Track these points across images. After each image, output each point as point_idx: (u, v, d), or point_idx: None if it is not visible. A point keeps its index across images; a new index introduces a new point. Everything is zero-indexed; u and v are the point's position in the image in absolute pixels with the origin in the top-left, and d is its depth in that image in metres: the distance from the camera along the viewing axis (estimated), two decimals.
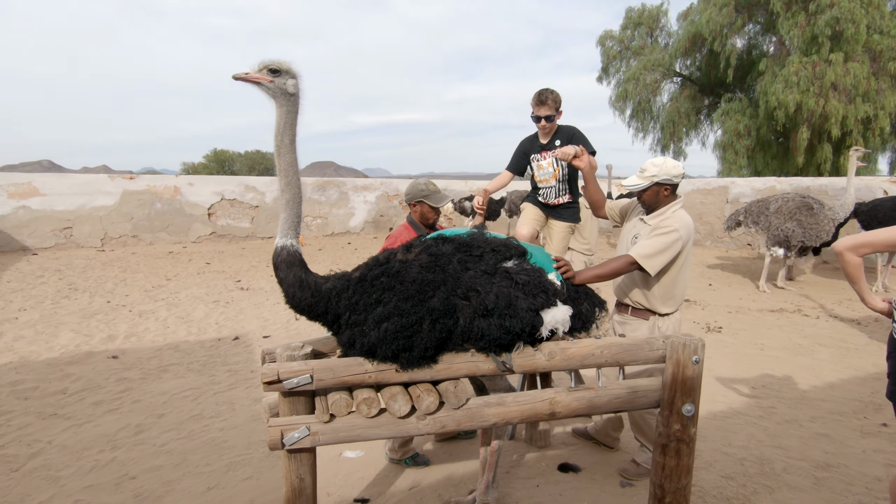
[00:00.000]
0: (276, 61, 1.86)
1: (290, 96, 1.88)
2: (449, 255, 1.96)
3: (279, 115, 1.88)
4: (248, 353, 4.95)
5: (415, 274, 1.87)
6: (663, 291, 2.70)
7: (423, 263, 1.91)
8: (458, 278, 1.89)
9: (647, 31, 21.06)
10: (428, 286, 1.84)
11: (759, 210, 7.33)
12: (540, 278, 2.02)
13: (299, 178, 1.94)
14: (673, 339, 1.93)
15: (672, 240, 2.53)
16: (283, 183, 1.90)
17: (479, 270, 1.94)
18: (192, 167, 45.66)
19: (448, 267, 1.91)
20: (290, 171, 1.90)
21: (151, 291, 7.41)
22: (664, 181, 2.61)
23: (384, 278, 1.88)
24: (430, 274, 1.87)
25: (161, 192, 11.67)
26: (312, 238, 13.15)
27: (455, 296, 1.85)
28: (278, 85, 1.86)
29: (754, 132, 17.10)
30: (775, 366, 4.58)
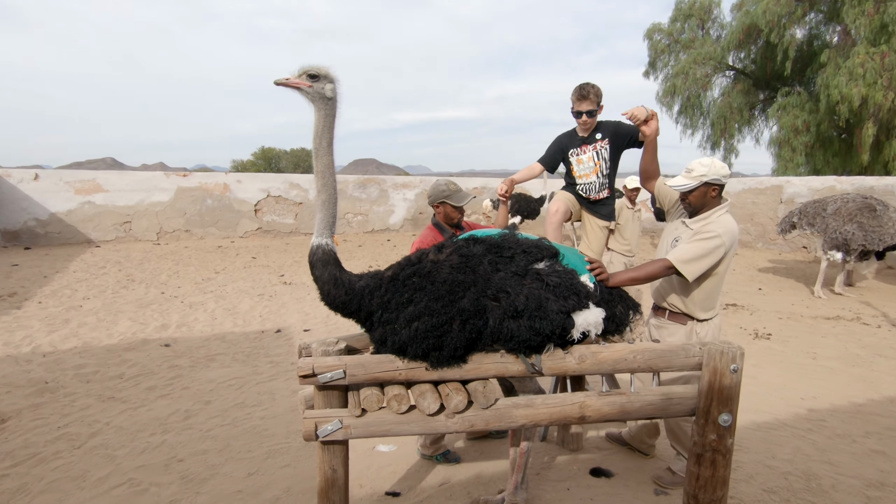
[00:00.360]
0: (315, 66, 1.93)
1: (328, 100, 1.94)
2: (479, 257, 1.98)
3: (317, 118, 1.94)
4: (288, 346, 5.13)
5: (445, 274, 1.90)
6: (703, 297, 2.62)
7: (453, 264, 1.94)
8: (489, 279, 1.90)
9: (697, 24, 20.23)
10: (458, 287, 1.87)
11: (816, 211, 6.93)
12: (572, 280, 2.00)
13: (335, 180, 2.00)
14: (710, 346, 1.87)
15: (713, 246, 2.45)
16: (320, 184, 1.97)
17: (509, 272, 1.95)
18: (241, 164, 47.46)
19: (478, 268, 1.93)
20: (326, 172, 1.96)
21: (201, 284, 7.78)
22: (713, 181, 2.52)
23: (416, 278, 1.92)
24: (460, 275, 1.90)
25: (212, 188, 12.21)
26: (353, 235, 13.43)
27: (485, 297, 1.87)
28: (317, 90, 1.92)
29: (814, 128, 16.15)
30: (828, 376, 4.34)
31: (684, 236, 2.64)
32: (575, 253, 2.30)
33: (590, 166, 3.56)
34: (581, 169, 3.60)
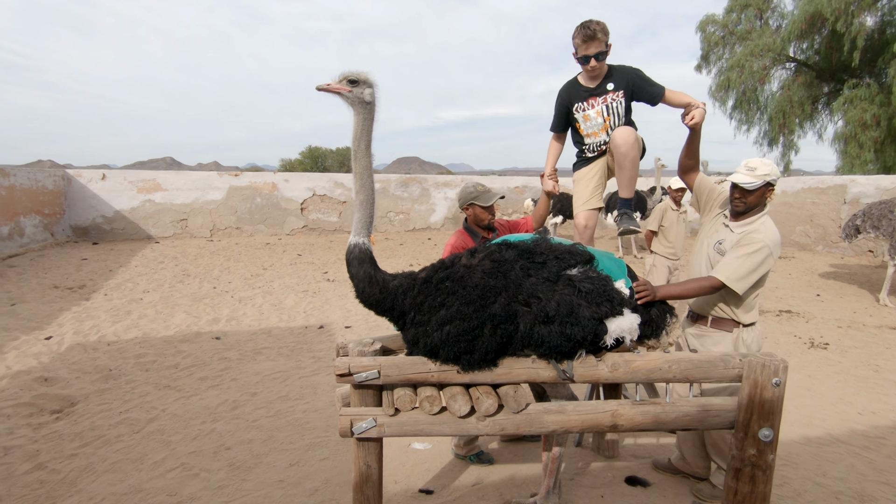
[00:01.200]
0: (355, 72, 2.00)
1: (367, 104, 2.01)
2: (511, 262, 1.99)
3: (356, 121, 2.02)
4: (330, 342, 5.30)
5: (477, 279, 1.93)
6: (749, 300, 2.57)
7: (485, 269, 1.96)
8: (520, 285, 1.92)
9: (755, 14, 19.22)
10: (489, 292, 1.89)
11: (881, 213, 6.48)
12: (605, 286, 1.99)
13: (373, 181, 2.07)
14: (751, 358, 1.81)
15: (762, 258, 2.42)
16: (359, 185, 2.04)
17: (541, 277, 1.96)
18: (288, 163, 49.04)
19: (510, 273, 1.95)
20: (364, 174, 2.04)
21: (250, 280, 8.13)
22: (773, 182, 2.51)
23: (448, 282, 1.95)
24: (492, 280, 1.92)
25: (261, 187, 12.71)
26: (395, 233, 13.64)
27: (516, 302, 1.89)
28: (356, 94, 2.00)
29: (884, 122, 15.06)
30: (892, 391, 4.06)
31: (728, 240, 2.57)
32: (611, 258, 2.27)
33: (598, 122, 2.98)
34: (589, 126, 3.04)
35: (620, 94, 2.94)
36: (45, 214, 10.69)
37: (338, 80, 2.01)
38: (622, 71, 2.94)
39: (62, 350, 4.80)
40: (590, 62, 2.85)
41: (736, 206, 2.57)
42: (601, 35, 2.80)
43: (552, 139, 3.27)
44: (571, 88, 3.06)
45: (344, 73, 2.01)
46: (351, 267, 1.98)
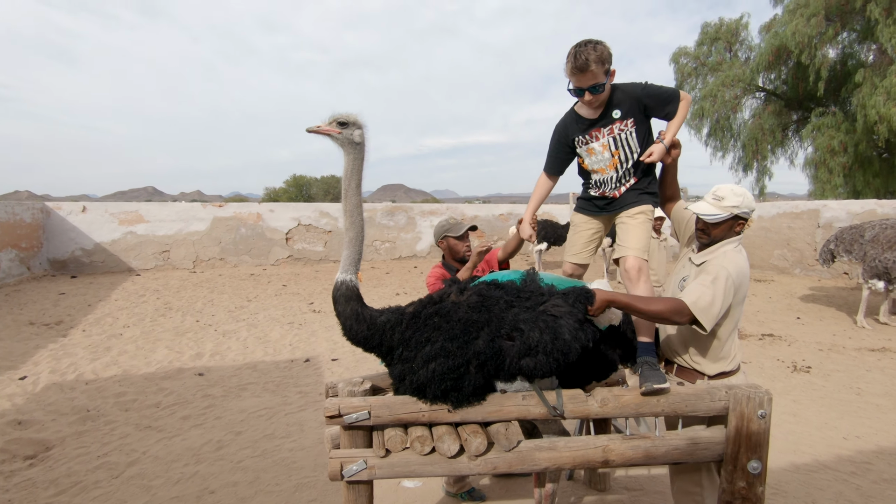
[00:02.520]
0: (344, 114, 2.05)
1: (357, 145, 2.05)
2: (496, 298, 2.01)
3: (346, 161, 2.05)
4: (317, 376, 5.22)
5: (461, 314, 1.94)
6: (713, 346, 2.20)
7: (471, 304, 1.98)
8: (502, 318, 1.92)
9: (725, 46, 20.11)
10: (472, 326, 1.90)
11: (853, 238, 6.70)
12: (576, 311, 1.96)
13: (363, 219, 2.10)
14: (736, 390, 1.84)
15: (723, 286, 2.06)
16: (348, 222, 2.06)
17: (522, 307, 1.97)
18: (273, 192, 48.96)
19: (494, 307, 1.96)
20: (354, 212, 2.06)
21: (234, 312, 8.01)
22: (743, 215, 2.19)
23: (436, 318, 1.96)
24: (475, 314, 1.93)
25: (246, 218, 12.66)
26: (381, 262, 13.62)
27: (500, 337, 1.89)
28: (346, 136, 2.03)
29: (851, 148, 15.69)
30: (875, 415, 4.13)
31: (690, 276, 2.32)
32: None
33: (605, 158, 2.52)
34: (594, 161, 2.57)
35: (630, 123, 2.46)
36: (21, 248, 10.47)
37: (327, 122, 2.05)
38: (628, 92, 2.46)
39: (37, 390, 4.64)
40: (584, 95, 2.38)
41: (699, 238, 2.30)
42: (595, 65, 2.27)
43: (541, 177, 2.82)
44: (569, 123, 2.61)
45: (333, 115, 2.05)
46: (338, 305, 1.98)
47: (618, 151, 2.50)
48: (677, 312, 1.99)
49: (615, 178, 2.55)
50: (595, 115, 2.50)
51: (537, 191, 2.84)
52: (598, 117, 2.50)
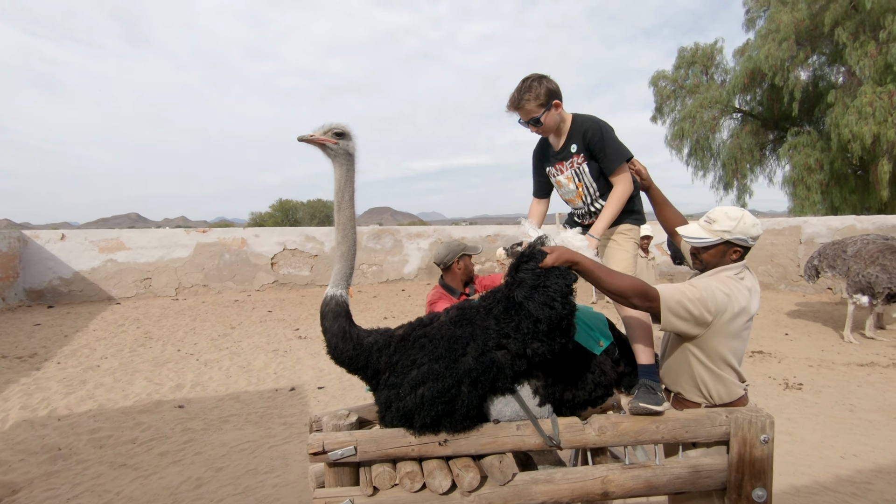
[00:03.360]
0: (341, 125, 1.98)
1: (350, 157, 1.99)
2: (475, 308, 1.93)
3: (340, 174, 1.98)
4: (302, 405, 5.05)
5: (444, 331, 1.86)
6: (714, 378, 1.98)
7: (452, 319, 1.91)
8: (487, 327, 1.83)
9: (701, 70, 20.74)
10: (457, 343, 1.81)
11: (835, 254, 6.78)
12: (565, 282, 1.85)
13: (356, 232, 2.03)
14: (737, 414, 1.78)
15: (698, 296, 1.88)
16: (341, 236, 1.99)
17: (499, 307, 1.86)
18: (259, 217, 48.66)
19: (475, 318, 1.87)
20: (347, 225, 1.99)
21: (217, 340, 7.80)
22: (737, 241, 1.99)
23: (425, 340, 1.87)
24: (458, 329, 1.85)
25: (230, 243, 12.47)
26: (368, 285, 13.47)
27: (489, 349, 1.80)
28: (343, 147, 1.97)
29: (827, 166, 16.10)
30: (869, 431, 4.09)
31: None
32: (588, 311, 2.24)
33: (571, 190, 2.54)
34: (564, 192, 2.60)
35: (582, 158, 2.45)
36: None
37: (322, 132, 1.97)
38: (582, 128, 2.42)
39: (6, 428, 4.41)
40: (528, 127, 2.46)
41: (694, 264, 2.15)
42: (529, 102, 2.33)
43: (532, 202, 2.79)
44: (544, 148, 2.65)
45: (328, 125, 1.98)
46: (325, 320, 1.88)
47: (581, 184, 2.50)
48: (640, 294, 1.85)
49: (585, 209, 2.56)
50: (559, 145, 2.51)
51: (531, 216, 2.75)
52: (560, 149, 2.51)
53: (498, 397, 1.84)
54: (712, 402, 1.99)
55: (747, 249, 2.07)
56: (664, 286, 1.95)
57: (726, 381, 1.99)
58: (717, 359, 1.97)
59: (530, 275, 1.79)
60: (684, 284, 1.98)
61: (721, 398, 1.98)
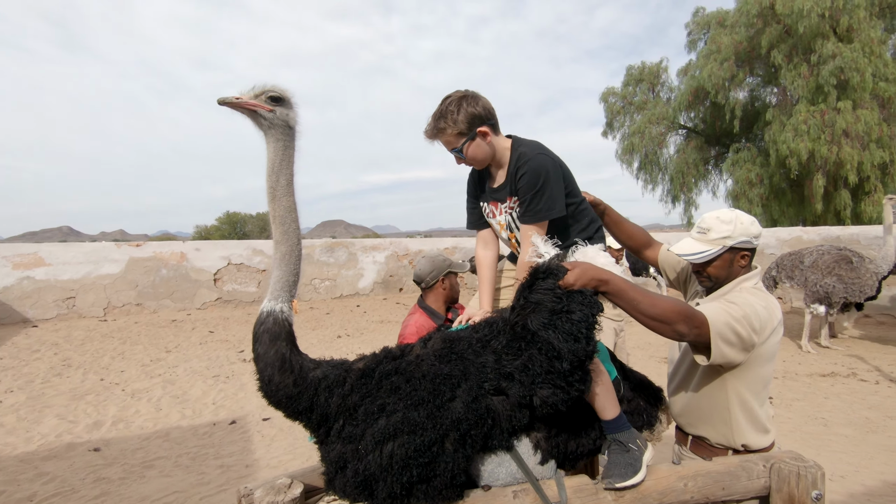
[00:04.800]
0: (278, 88, 1.53)
1: (289, 130, 1.55)
2: (467, 339, 1.52)
3: (274, 150, 1.53)
4: (244, 442, 4.44)
5: (426, 368, 1.44)
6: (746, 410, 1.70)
7: (437, 352, 1.49)
8: (483, 364, 1.43)
9: (648, 87, 21.52)
10: (444, 384, 1.40)
11: (793, 264, 6.87)
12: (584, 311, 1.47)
13: (299, 227, 1.57)
14: (779, 464, 1.46)
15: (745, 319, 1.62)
16: (279, 233, 1.53)
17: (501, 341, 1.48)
18: (204, 230, 46.37)
19: (467, 353, 1.47)
20: (287, 218, 1.53)
21: (149, 366, 6.97)
22: (741, 244, 1.77)
23: (398, 378, 1.43)
24: (445, 366, 1.44)
25: (167, 258, 11.48)
26: (320, 301, 12.77)
27: (484, 392, 1.39)
28: (280, 116, 1.52)
29: (766, 180, 16.92)
30: (847, 447, 3.97)
31: None
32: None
33: (504, 238, 2.12)
34: (503, 235, 2.13)
35: (516, 202, 1.98)
36: None
37: (253, 95, 1.51)
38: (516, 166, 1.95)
39: None
40: (457, 159, 2.01)
41: (701, 282, 1.93)
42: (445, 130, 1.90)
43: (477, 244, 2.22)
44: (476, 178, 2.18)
45: (262, 86, 1.52)
46: (259, 344, 1.44)
47: (513, 234, 2.02)
48: (687, 318, 1.53)
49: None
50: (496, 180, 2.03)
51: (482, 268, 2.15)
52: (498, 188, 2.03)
53: (490, 456, 1.43)
54: (745, 447, 1.67)
55: (754, 251, 1.86)
56: (703, 305, 1.61)
57: (763, 419, 1.69)
58: (760, 389, 1.69)
59: (549, 296, 1.40)
60: (720, 301, 1.66)
61: (758, 442, 1.67)
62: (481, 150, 1.94)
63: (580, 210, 1.99)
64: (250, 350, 5.42)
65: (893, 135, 14.35)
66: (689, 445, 1.86)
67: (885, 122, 14.41)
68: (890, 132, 14.35)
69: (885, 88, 14.35)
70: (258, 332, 1.44)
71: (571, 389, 1.38)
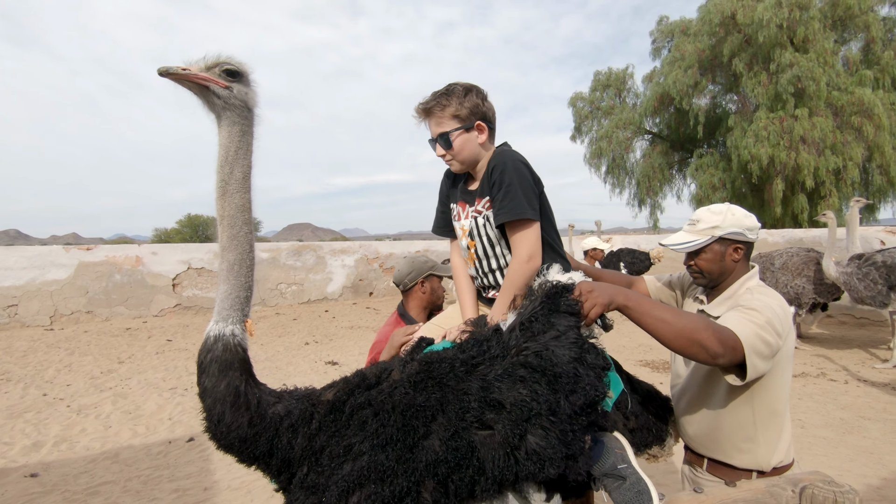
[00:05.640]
0: (235, 60, 1.28)
1: (248, 112, 1.30)
2: (450, 361, 1.29)
3: (230, 137, 1.28)
4: (202, 462, 4.09)
5: (397, 398, 1.21)
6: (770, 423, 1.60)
7: (412, 379, 1.26)
8: (466, 392, 1.21)
9: (615, 93, 21.92)
10: (416, 417, 1.17)
11: (764, 266, 6.97)
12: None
13: (252, 231, 1.31)
14: (810, 488, 1.31)
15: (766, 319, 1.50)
16: (226, 237, 1.27)
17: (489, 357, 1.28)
18: (164, 233, 44.51)
19: (446, 378, 1.24)
20: (238, 218, 1.27)
21: (98, 379, 6.46)
22: (732, 235, 1.71)
23: (368, 412, 1.20)
24: (420, 395, 1.21)
25: (121, 262, 10.82)
26: (287, 307, 12.31)
27: (465, 425, 1.16)
28: (238, 95, 1.27)
29: (729, 185, 17.42)
30: (827, 450, 3.96)
31: None
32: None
33: (465, 247, 1.90)
34: (462, 242, 1.92)
35: (487, 204, 1.78)
36: None
37: (205, 66, 1.25)
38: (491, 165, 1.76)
39: None
40: (435, 148, 1.80)
41: (695, 279, 1.84)
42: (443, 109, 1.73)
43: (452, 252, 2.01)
44: (452, 178, 1.99)
45: (217, 57, 1.26)
46: (206, 375, 1.19)
47: (474, 244, 1.82)
48: (719, 337, 1.38)
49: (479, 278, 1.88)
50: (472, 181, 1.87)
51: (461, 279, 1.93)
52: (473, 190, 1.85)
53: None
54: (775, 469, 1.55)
55: (750, 246, 1.78)
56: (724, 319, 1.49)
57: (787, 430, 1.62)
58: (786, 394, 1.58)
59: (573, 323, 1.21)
60: (738, 311, 1.53)
61: (783, 459, 1.57)
62: (469, 147, 1.77)
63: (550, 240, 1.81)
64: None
65: (846, 142, 14.99)
66: (706, 467, 1.71)
67: (838, 130, 15.05)
68: (843, 139, 14.99)
69: (838, 97, 15.00)
70: (204, 360, 1.19)
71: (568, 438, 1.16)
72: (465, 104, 1.73)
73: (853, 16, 15.34)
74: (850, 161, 14.97)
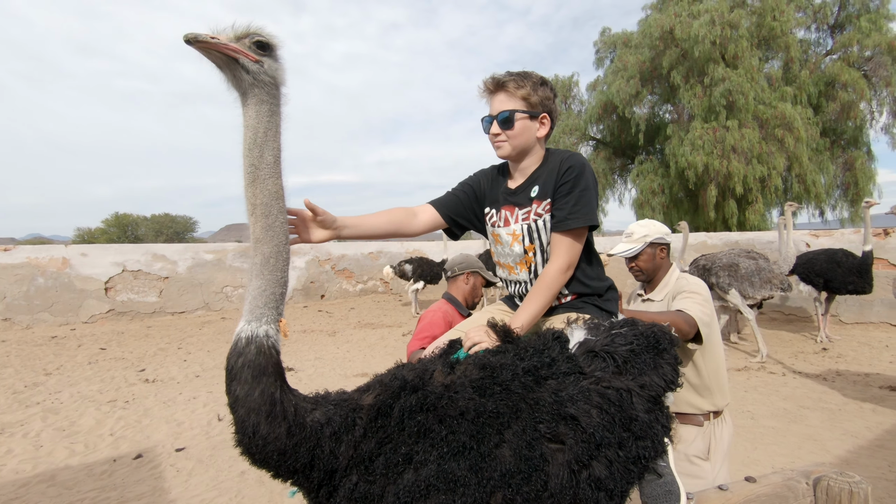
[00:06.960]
0: (267, 32, 1.16)
1: (277, 89, 1.20)
2: (509, 367, 1.23)
3: (258, 117, 1.16)
4: (154, 480, 3.77)
5: (463, 403, 1.13)
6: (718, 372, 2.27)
7: (473, 382, 1.18)
8: (537, 401, 1.15)
9: (561, 99, 22.58)
10: (489, 424, 1.10)
11: (707, 266, 7.38)
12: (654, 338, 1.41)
13: (286, 221, 1.19)
14: (826, 481, 1.36)
15: (710, 302, 2.18)
16: (260, 227, 1.15)
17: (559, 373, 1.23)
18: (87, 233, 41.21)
19: (513, 384, 1.18)
20: (273, 206, 1.16)
21: (22, 393, 5.84)
22: (658, 240, 2.44)
23: (423, 415, 1.12)
24: (490, 401, 1.14)
25: (45, 264, 9.87)
26: (233, 311, 11.71)
27: (538, 435, 1.11)
28: (269, 71, 1.15)
29: (667, 190, 18.39)
30: (777, 440, 4.22)
31: (654, 308, 2.40)
32: None
33: (515, 253, 1.78)
34: (501, 252, 1.84)
35: (547, 207, 1.71)
36: None
37: (234, 36, 1.12)
38: (553, 164, 1.72)
39: None
40: (491, 126, 1.71)
41: (636, 276, 2.53)
42: (515, 88, 1.66)
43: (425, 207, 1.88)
44: (492, 177, 1.89)
45: (247, 27, 1.14)
46: (238, 382, 1.05)
47: (532, 247, 1.73)
48: (686, 321, 2.00)
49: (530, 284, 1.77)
50: (517, 182, 1.79)
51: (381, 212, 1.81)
52: (517, 188, 1.77)
53: None
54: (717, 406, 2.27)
55: (669, 247, 2.53)
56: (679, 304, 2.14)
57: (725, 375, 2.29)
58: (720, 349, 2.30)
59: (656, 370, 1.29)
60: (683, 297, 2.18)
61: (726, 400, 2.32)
62: (527, 135, 1.70)
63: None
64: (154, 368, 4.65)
65: (770, 152, 16.22)
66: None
67: (763, 141, 16.27)
68: (768, 149, 16.22)
69: (763, 111, 16.23)
70: (235, 366, 1.05)
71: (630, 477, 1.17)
72: (538, 92, 1.69)
73: (775, 36, 16.67)
74: (774, 170, 16.23)
